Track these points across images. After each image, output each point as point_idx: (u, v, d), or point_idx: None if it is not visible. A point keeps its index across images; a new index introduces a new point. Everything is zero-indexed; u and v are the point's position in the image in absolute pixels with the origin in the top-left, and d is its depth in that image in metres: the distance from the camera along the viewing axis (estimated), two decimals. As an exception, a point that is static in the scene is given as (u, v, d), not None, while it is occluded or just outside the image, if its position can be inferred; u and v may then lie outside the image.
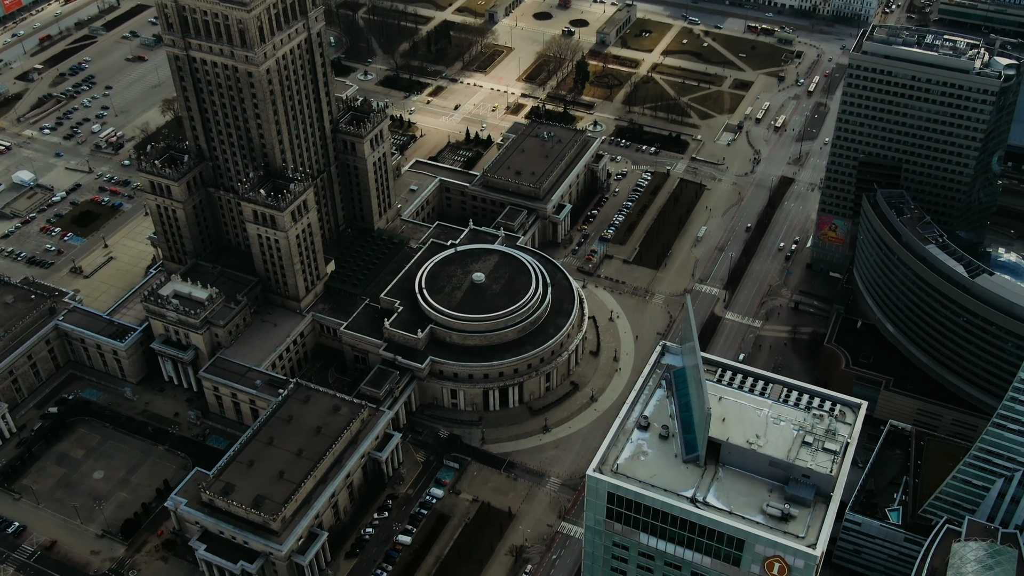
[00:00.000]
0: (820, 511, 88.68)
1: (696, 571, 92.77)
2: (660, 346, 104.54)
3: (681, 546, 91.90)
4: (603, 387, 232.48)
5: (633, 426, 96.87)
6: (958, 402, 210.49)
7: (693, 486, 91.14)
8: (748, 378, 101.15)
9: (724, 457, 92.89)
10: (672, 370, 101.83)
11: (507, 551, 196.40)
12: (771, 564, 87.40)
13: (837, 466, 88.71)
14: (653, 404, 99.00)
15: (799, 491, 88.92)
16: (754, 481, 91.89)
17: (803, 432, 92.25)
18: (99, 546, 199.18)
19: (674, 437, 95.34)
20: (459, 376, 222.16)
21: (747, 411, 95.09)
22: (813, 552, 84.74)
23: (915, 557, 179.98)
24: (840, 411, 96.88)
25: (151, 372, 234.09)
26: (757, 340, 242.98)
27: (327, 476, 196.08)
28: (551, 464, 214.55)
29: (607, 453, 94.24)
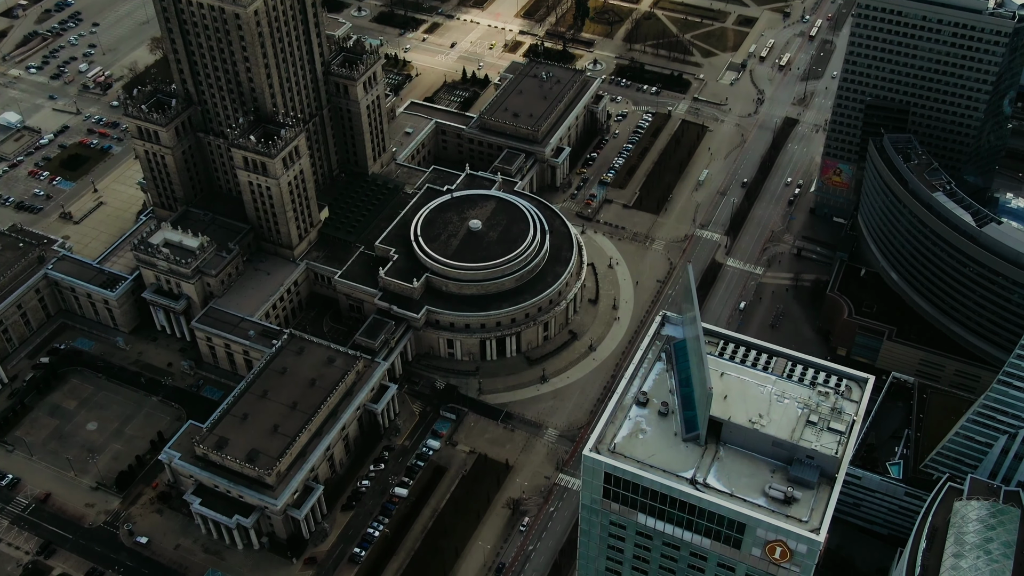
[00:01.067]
0: (824, 493, 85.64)
1: (695, 552, 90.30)
2: (660, 316, 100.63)
3: (680, 527, 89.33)
4: (602, 336, 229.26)
5: (631, 402, 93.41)
6: (961, 353, 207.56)
7: (693, 466, 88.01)
8: (751, 351, 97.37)
9: (725, 436, 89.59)
10: (672, 342, 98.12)
11: (504, 503, 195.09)
12: (772, 548, 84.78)
13: (842, 447, 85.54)
14: (652, 378, 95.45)
15: (803, 473, 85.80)
16: (756, 461, 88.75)
17: (808, 411, 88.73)
18: (94, 499, 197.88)
19: (673, 414, 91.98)
20: (456, 326, 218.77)
21: (750, 388, 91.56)
22: (816, 538, 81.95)
23: (915, 511, 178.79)
24: (846, 386, 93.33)
25: (143, 321, 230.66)
26: (759, 288, 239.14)
27: (322, 429, 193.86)
28: (549, 415, 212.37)
29: (604, 431, 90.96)
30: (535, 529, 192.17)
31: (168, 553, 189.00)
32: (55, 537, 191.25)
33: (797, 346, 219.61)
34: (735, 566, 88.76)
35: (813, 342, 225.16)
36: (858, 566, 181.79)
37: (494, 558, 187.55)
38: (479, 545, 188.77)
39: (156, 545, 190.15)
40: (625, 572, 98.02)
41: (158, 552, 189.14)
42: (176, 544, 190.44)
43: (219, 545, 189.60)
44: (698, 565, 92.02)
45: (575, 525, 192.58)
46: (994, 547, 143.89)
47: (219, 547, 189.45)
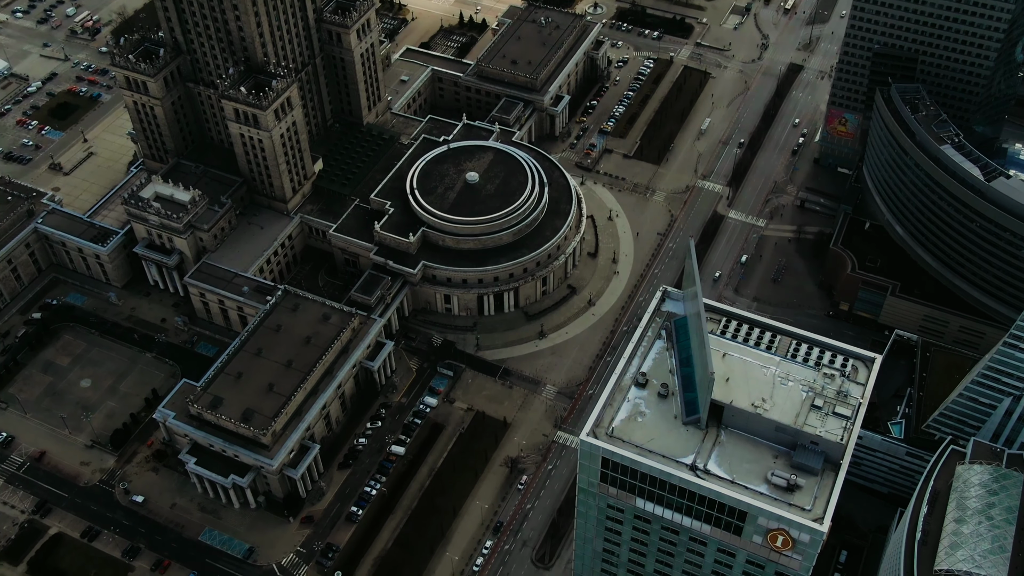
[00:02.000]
0: (828, 480, 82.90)
1: (695, 537, 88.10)
2: (660, 291, 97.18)
3: (679, 513, 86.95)
4: (601, 290, 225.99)
5: (630, 383, 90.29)
6: (966, 309, 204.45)
7: (693, 451, 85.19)
8: (754, 329, 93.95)
9: (727, 419, 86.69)
10: (673, 319, 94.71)
11: (502, 462, 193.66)
12: (774, 537, 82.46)
13: (848, 433, 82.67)
14: (652, 357, 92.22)
15: (806, 459, 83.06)
16: (759, 446, 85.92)
17: (812, 394, 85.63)
18: (89, 457, 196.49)
19: (673, 396, 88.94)
20: (453, 281, 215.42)
21: (753, 370, 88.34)
22: (819, 528, 79.48)
23: (917, 471, 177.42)
24: (852, 367, 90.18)
25: (136, 276, 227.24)
26: (761, 240, 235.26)
27: (318, 387, 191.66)
28: (547, 371, 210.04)
29: (602, 414, 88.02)
30: (533, 487, 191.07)
31: (164, 512, 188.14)
32: (51, 496, 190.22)
33: (799, 301, 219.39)
34: (735, 552, 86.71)
35: (815, 296, 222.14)
36: (858, 525, 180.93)
37: (492, 516, 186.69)
38: (476, 504, 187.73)
39: (152, 504, 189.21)
40: (623, 554, 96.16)
41: (154, 511, 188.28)
42: (172, 503, 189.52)
43: (215, 504, 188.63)
44: (697, 550, 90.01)
45: (573, 483, 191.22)
46: (996, 512, 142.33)
47: (215, 506, 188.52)
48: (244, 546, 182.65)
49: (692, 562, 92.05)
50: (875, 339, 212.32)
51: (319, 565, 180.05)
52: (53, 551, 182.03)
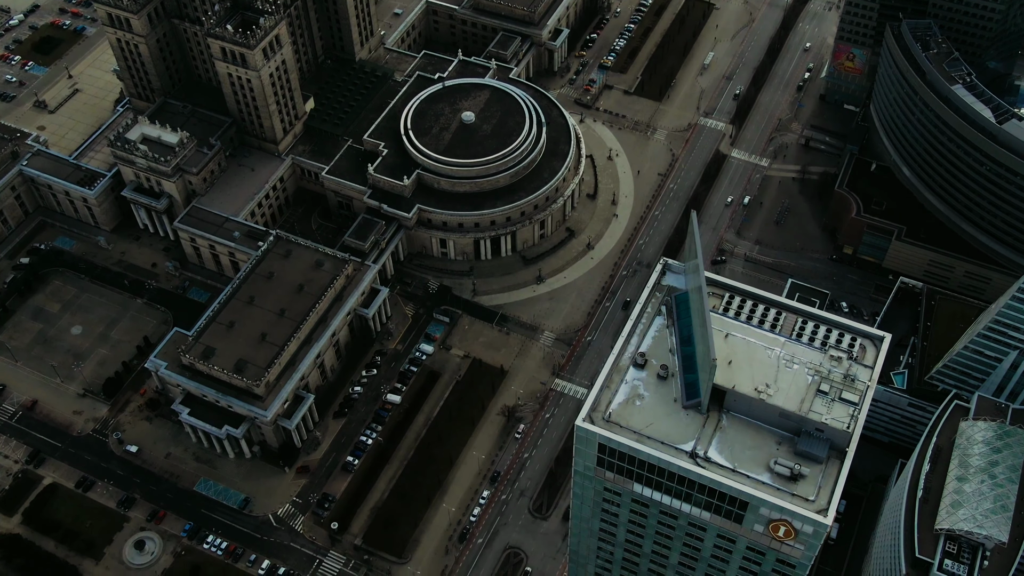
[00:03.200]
0: (833, 468, 79.76)
1: (694, 522, 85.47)
2: (661, 263, 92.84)
3: (678, 499, 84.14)
4: (600, 233, 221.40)
5: (628, 364, 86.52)
6: (972, 254, 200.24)
7: (693, 438, 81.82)
8: (759, 306, 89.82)
9: (729, 404, 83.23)
10: (674, 293, 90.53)
11: (499, 411, 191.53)
12: (776, 527, 79.78)
13: (855, 420, 79.26)
14: (651, 335, 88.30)
15: (811, 447, 79.80)
16: (762, 431, 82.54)
17: (818, 378, 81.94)
18: (81, 405, 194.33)
19: (673, 377, 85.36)
20: (448, 225, 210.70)
21: (757, 352, 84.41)
22: (823, 520, 76.59)
23: (918, 422, 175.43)
24: (860, 346, 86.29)
25: (125, 219, 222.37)
26: (764, 181, 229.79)
27: (311, 336, 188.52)
28: (545, 317, 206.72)
29: (599, 397, 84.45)
30: (530, 436, 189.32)
31: (159, 462, 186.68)
32: (44, 445, 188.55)
33: (802, 244, 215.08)
34: (735, 539, 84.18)
35: (819, 239, 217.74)
36: (857, 474, 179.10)
37: (489, 466, 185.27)
38: (473, 455, 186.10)
39: (146, 454, 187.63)
40: (619, 534, 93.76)
41: (149, 461, 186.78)
42: (167, 452, 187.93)
43: (210, 454, 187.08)
44: (696, 535, 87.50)
45: (571, 433, 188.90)
46: (999, 471, 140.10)
47: (210, 456, 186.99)
48: (240, 496, 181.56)
49: (691, 545, 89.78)
50: (879, 283, 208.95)
51: (315, 515, 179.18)
52: (48, 502, 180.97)
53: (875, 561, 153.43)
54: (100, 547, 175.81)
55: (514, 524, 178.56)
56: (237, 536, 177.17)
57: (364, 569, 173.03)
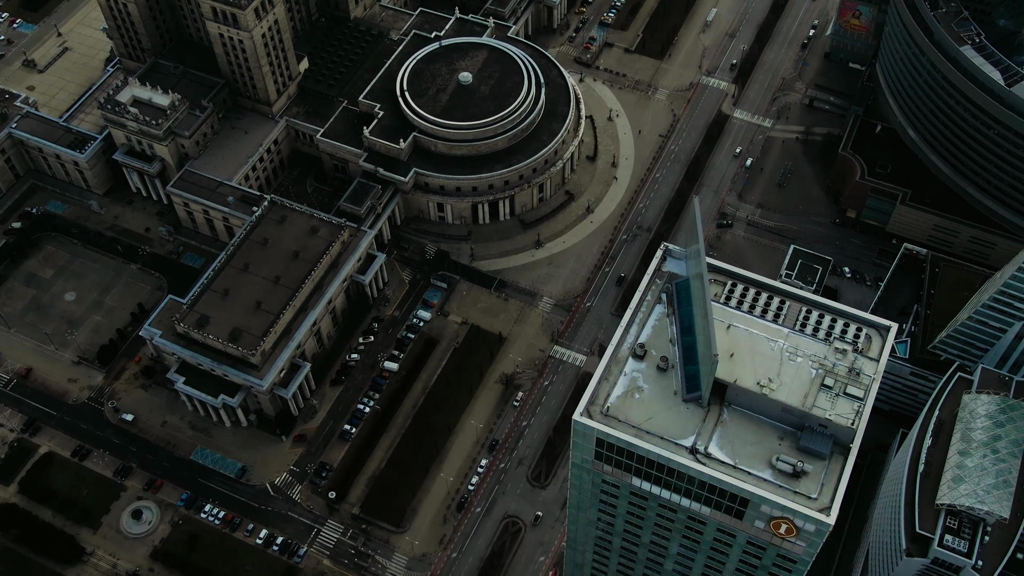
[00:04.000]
0: (837, 465, 77.81)
1: (693, 516, 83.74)
2: (662, 249, 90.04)
3: (678, 494, 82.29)
4: (600, 196, 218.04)
5: (627, 355, 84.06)
6: (978, 219, 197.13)
7: (694, 432, 79.71)
8: (762, 293, 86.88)
9: (731, 397, 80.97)
10: (674, 280, 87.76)
11: (497, 379, 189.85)
12: (777, 524, 78.05)
13: (859, 417, 77.02)
14: (651, 324, 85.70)
15: (814, 443, 77.68)
16: (763, 426, 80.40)
17: (823, 372, 79.53)
18: (76, 373, 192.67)
19: (673, 369, 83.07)
20: (446, 189, 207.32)
21: (759, 344, 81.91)
22: (826, 520, 74.83)
23: (920, 391, 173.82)
24: (866, 336, 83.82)
25: (117, 182, 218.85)
26: (767, 142, 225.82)
27: (307, 304, 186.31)
28: (544, 282, 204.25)
29: (597, 389, 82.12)
30: (529, 404, 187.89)
31: (155, 430, 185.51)
32: (39, 414, 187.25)
33: (805, 207, 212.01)
34: (736, 533, 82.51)
35: (821, 203, 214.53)
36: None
37: (487, 434, 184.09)
38: (471, 424, 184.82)
39: (142, 422, 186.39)
40: (618, 524, 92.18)
41: (145, 429, 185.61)
42: (163, 421, 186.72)
43: (206, 422, 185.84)
44: (696, 528, 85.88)
45: (570, 399, 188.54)
46: (1002, 445, 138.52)
47: (207, 424, 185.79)
48: (237, 465, 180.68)
49: (690, 538, 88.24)
50: (882, 248, 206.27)
51: (313, 484, 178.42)
52: (44, 471, 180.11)
53: (875, 533, 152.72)
54: (97, 516, 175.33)
55: (512, 493, 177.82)
56: (234, 505, 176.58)
57: (362, 538, 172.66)
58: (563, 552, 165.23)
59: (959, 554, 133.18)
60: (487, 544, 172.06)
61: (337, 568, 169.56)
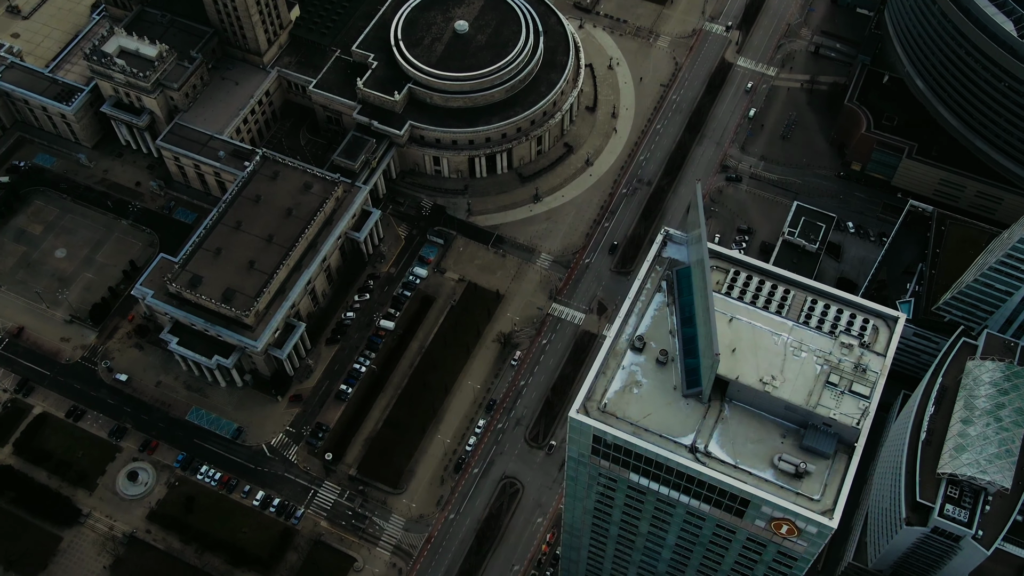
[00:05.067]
0: (840, 465, 75.31)
1: (692, 512, 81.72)
2: (662, 233, 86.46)
3: (677, 491, 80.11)
4: (600, 149, 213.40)
5: (626, 347, 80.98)
6: (985, 173, 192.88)
7: (693, 429, 77.08)
8: (766, 282, 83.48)
9: (732, 393, 78.22)
10: (675, 267, 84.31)
11: (495, 338, 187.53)
12: (779, 525, 76.00)
13: (865, 416, 74.24)
14: (650, 314, 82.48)
15: (818, 442, 75.12)
16: (765, 423, 77.75)
17: (828, 368, 76.62)
18: (69, 332, 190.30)
19: (673, 362, 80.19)
20: (442, 142, 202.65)
21: (762, 338, 78.81)
22: (828, 523, 72.67)
23: (923, 352, 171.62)
24: (873, 328, 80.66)
25: (106, 135, 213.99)
26: (771, 91, 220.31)
27: (301, 263, 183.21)
28: (542, 238, 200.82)
29: (595, 384, 79.33)
30: (527, 363, 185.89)
31: (150, 390, 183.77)
32: (32, 374, 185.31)
33: (808, 160, 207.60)
34: (736, 530, 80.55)
35: (826, 155, 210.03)
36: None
37: (484, 394, 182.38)
38: (468, 384, 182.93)
39: (137, 382, 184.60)
40: (615, 514, 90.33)
41: (139, 389, 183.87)
42: (157, 381, 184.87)
43: (201, 382, 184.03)
44: (694, 522, 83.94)
45: (568, 358, 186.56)
46: (1005, 414, 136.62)
47: (201, 384, 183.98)
48: (232, 426, 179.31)
49: (688, 531, 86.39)
50: (887, 202, 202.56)
51: (309, 445, 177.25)
52: (38, 431, 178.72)
53: (874, 498, 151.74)
54: (93, 478, 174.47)
55: (510, 453, 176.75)
56: (230, 466, 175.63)
57: (359, 500, 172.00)
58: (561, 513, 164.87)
59: (959, 524, 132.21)
60: (485, 505, 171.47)
61: (334, 530, 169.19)
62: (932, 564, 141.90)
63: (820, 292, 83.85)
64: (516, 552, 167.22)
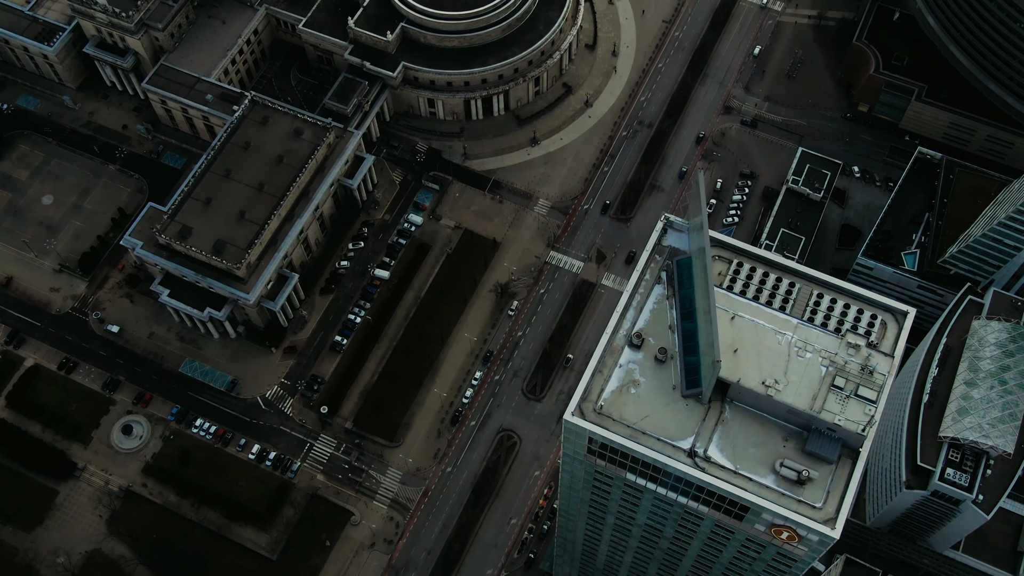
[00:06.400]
0: (844, 470, 72.54)
1: (690, 511, 79.50)
2: (662, 220, 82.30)
3: (675, 492, 77.64)
4: (599, 89, 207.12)
5: (623, 343, 77.60)
6: (996, 116, 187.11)
7: (692, 432, 74.12)
8: (770, 274, 79.43)
9: (733, 394, 75.07)
10: (675, 257, 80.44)
11: (491, 287, 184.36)
12: (779, 531, 73.79)
13: (871, 424, 71.23)
14: (649, 307, 78.80)
15: (821, 448, 72.16)
16: (768, 425, 74.72)
17: (833, 370, 73.26)
18: (58, 282, 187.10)
19: (672, 360, 76.95)
20: (436, 84, 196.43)
21: (765, 337, 75.27)
22: (830, 533, 70.28)
23: (928, 303, 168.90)
24: (882, 323, 77.08)
25: (91, 76, 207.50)
26: (777, 28, 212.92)
27: (293, 212, 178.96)
28: (540, 183, 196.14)
29: (591, 383, 76.12)
30: (524, 313, 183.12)
31: (142, 342, 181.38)
32: (23, 325, 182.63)
33: (814, 100, 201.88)
34: (734, 530, 78.49)
35: (832, 95, 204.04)
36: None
37: (481, 346, 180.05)
38: (465, 337, 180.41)
39: (128, 334, 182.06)
40: (611, 506, 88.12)
41: (131, 341, 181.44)
42: (149, 332, 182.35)
43: (194, 334, 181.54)
44: (692, 521, 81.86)
45: (566, 308, 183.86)
46: (1010, 376, 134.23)
47: (194, 336, 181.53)
48: (227, 378, 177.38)
49: (686, 528, 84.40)
50: (894, 145, 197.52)
51: (304, 398, 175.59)
52: (31, 384, 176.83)
53: (873, 457, 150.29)
54: (87, 431, 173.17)
55: (507, 406, 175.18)
56: (225, 419, 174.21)
57: (355, 453, 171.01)
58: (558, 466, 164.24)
59: (960, 488, 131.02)
60: (482, 459, 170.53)
61: (331, 483, 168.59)
62: (931, 525, 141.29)
63: (827, 284, 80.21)
64: (513, 505, 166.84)
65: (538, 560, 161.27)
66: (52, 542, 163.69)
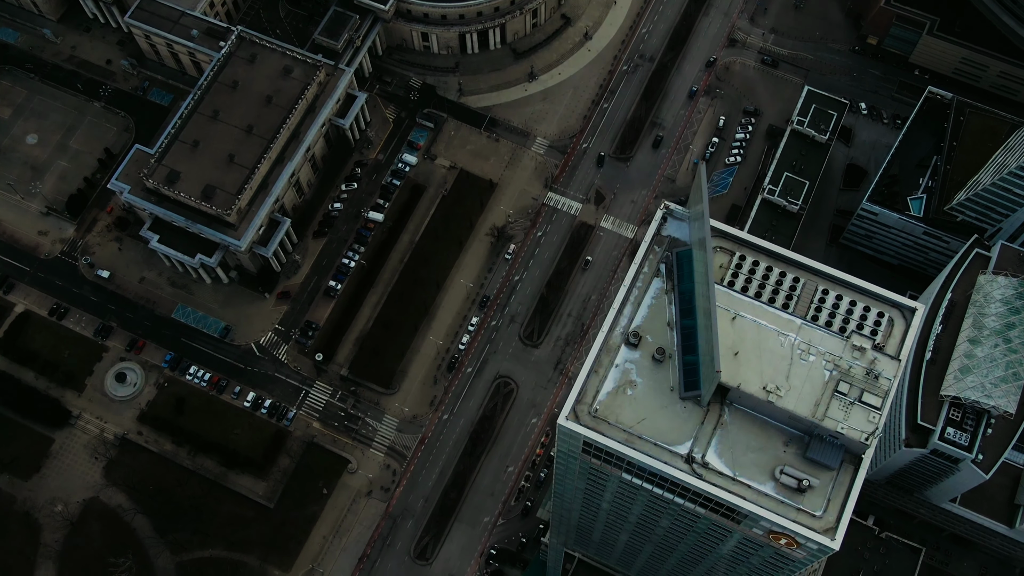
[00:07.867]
0: (846, 478, 70.20)
1: (686, 511, 77.58)
2: (662, 209, 78.18)
3: (671, 494, 75.54)
4: (599, 20, 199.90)
5: (620, 341, 74.40)
6: (1009, 52, 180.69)
7: (690, 437, 71.55)
8: (773, 269, 75.69)
9: (733, 397, 72.29)
10: (675, 248, 76.73)
11: (488, 231, 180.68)
12: (777, 537, 71.84)
13: (875, 433, 68.61)
14: (647, 303, 75.32)
15: (823, 455, 69.65)
16: (768, 429, 72.10)
17: (837, 374, 70.31)
18: (46, 225, 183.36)
19: (670, 359, 73.97)
20: (431, 17, 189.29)
21: (767, 339, 71.91)
22: (830, 544, 68.33)
23: (932, 250, 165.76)
24: (888, 320, 73.72)
25: (72, 7, 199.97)
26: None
27: (284, 155, 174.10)
28: (538, 121, 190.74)
29: (586, 385, 73.19)
30: (521, 257, 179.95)
31: (133, 287, 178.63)
32: (12, 270, 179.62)
33: (822, 33, 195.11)
34: (731, 530, 76.77)
35: (841, 28, 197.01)
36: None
37: (478, 291, 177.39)
38: (461, 283, 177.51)
39: (119, 279, 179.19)
40: (607, 499, 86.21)
41: (122, 286, 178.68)
42: (140, 277, 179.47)
43: (186, 279, 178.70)
44: (688, 518, 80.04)
45: (564, 252, 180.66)
46: (1015, 334, 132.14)
47: (186, 281, 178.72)
48: (220, 324, 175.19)
49: (680, 524, 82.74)
50: (903, 80, 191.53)
51: (299, 344, 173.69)
52: (22, 330, 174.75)
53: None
54: (81, 378, 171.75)
55: (504, 352, 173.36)
56: (220, 366, 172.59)
57: (351, 400, 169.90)
58: (555, 415, 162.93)
59: (959, 447, 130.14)
60: (478, 406, 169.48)
61: (327, 431, 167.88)
62: (929, 481, 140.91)
63: (832, 279, 76.85)
64: (511, 453, 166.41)
65: (535, 508, 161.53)
66: (49, 491, 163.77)
